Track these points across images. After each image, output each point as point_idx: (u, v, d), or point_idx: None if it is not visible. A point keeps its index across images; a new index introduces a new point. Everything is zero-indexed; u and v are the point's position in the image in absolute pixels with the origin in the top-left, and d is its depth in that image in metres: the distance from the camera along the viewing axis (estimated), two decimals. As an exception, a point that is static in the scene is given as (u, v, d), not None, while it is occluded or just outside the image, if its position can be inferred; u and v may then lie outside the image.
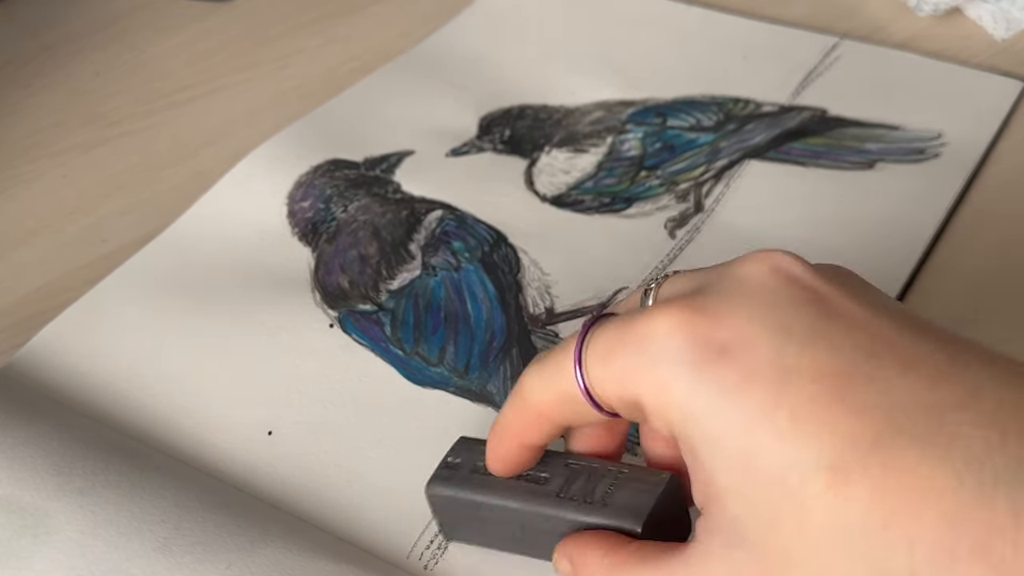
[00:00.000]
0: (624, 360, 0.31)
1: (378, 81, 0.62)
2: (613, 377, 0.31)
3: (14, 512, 0.39)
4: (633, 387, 0.31)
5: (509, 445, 0.35)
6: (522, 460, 0.36)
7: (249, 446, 0.44)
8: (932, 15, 0.63)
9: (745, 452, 0.29)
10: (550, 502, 0.35)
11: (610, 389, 0.32)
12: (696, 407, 0.29)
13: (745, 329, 0.29)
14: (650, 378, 0.30)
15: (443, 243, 0.51)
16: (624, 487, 0.35)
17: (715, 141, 0.56)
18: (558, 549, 0.35)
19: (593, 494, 0.35)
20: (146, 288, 0.51)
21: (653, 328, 0.30)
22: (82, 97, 0.64)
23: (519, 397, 0.34)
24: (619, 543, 0.33)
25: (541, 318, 0.48)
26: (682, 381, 0.29)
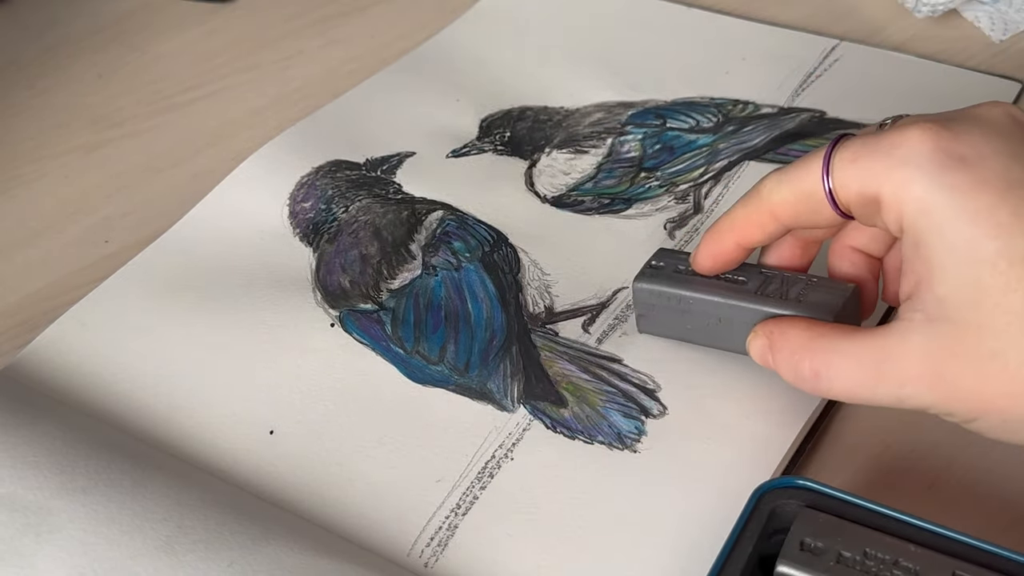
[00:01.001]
0: (873, 161, 0.36)
1: (379, 83, 0.62)
2: (860, 175, 0.37)
3: (17, 511, 0.39)
4: (876, 184, 0.36)
5: (726, 242, 0.41)
6: (730, 259, 0.42)
7: (251, 445, 0.44)
8: (930, 17, 0.63)
9: (967, 240, 0.34)
10: (750, 298, 0.42)
11: (853, 187, 0.37)
12: (931, 201, 0.35)
13: (982, 147, 0.35)
14: (895, 176, 0.36)
15: (444, 243, 0.52)
16: (815, 290, 0.41)
17: (714, 143, 0.56)
18: (756, 329, 0.41)
19: (788, 294, 0.41)
20: (148, 288, 0.51)
21: (904, 137, 0.36)
22: (84, 98, 0.64)
23: (755, 196, 0.40)
24: (820, 323, 0.39)
25: (541, 317, 0.48)
26: (923, 180, 0.35)
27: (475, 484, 0.42)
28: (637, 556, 0.39)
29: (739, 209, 0.41)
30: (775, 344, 0.40)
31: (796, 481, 0.37)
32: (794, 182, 0.39)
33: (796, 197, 0.39)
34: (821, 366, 0.38)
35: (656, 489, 0.41)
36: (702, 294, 0.43)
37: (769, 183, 0.40)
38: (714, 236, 0.42)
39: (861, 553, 0.34)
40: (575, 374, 0.45)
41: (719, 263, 0.42)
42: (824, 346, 0.38)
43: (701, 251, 0.43)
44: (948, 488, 0.41)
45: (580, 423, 0.44)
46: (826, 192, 0.38)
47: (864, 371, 0.37)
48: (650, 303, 0.44)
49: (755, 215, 0.40)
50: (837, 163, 0.37)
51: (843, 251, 0.42)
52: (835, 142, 0.38)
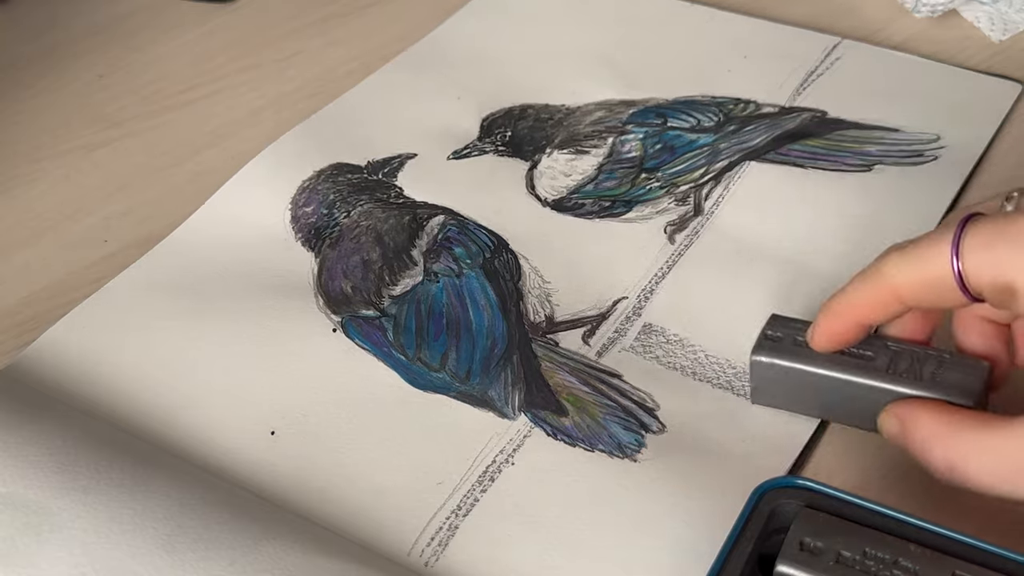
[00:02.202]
0: (1006, 248, 0.35)
1: (379, 82, 0.62)
2: (992, 262, 0.36)
3: (18, 510, 0.39)
4: (1012, 272, 0.35)
5: (847, 322, 0.40)
6: (851, 338, 0.40)
7: (252, 446, 0.44)
8: (930, 17, 0.63)
9: None
10: (882, 376, 0.40)
11: (985, 274, 0.36)
12: None
13: None
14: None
15: (445, 249, 0.52)
16: (949, 369, 0.39)
17: (715, 142, 0.56)
18: (887, 411, 0.39)
19: (921, 373, 0.40)
20: (150, 291, 0.51)
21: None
22: (85, 98, 0.64)
23: (876, 277, 0.39)
24: (954, 409, 0.38)
25: (541, 326, 0.48)
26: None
27: (476, 487, 0.42)
28: (637, 556, 0.39)
29: (859, 288, 0.39)
30: (907, 430, 0.38)
31: (796, 481, 0.37)
32: (921, 265, 0.37)
33: (923, 281, 0.37)
34: (956, 458, 0.37)
35: (656, 491, 0.41)
36: (830, 371, 0.41)
37: (891, 263, 0.38)
38: (833, 315, 0.40)
39: (861, 553, 0.34)
40: (575, 386, 0.45)
41: (838, 342, 0.41)
42: (957, 436, 0.37)
43: (819, 330, 0.41)
44: (948, 488, 0.41)
45: (581, 432, 0.44)
46: (955, 277, 0.36)
47: (1003, 467, 0.36)
48: (769, 377, 0.42)
49: (877, 295, 0.39)
50: (968, 248, 0.36)
51: (970, 321, 0.41)
52: (964, 223, 0.37)
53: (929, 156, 0.55)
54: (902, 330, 0.41)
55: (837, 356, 0.41)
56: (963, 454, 0.36)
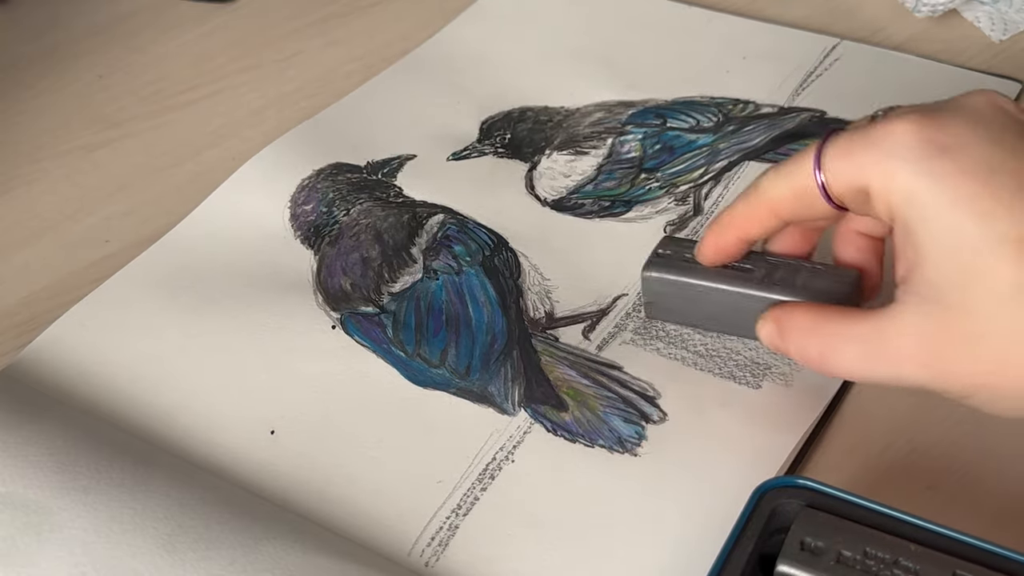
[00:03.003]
0: (862, 153, 0.38)
1: (380, 84, 0.62)
2: (849, 168, 0.38)
3: (18, 510, 0.39)
4: (865, 176, 0.37)
5: (728, 237, 0.43)
6: (733, 252, 0.43)
7: (251, 445, 0.44)
8: (930, 17, 0.63)
9: (951, 227, 0.36)
10: (758, 286, 0.43)
11: (844, 179, 0.38)
12: (917, 190, 0.36)
13: (965, 136, 0.36)
14: (883, 167, 0.37)
15: (444, 247, 0.52)
16: (821, 277, 0.43)
17: (714, 142, 0.56)
18: (764, 316, 0.42)
19: (794, 282, 0.43)
20: (149, 289, 0.51)
21: (890, 129, 0.37)
22: (85, 99, 0.64)
23: (753, 193, 0.41)
24: (826, 306, 0.40)
25: (541, 322, 0.48)
26: (908, 170, 0.36)
27: (476, 485, 0.42)
28: (637, 556, 0.39)
29: (739, 205, 0.42)
30: (783, 329, 0.41)
31: (796, 481, 0.37)
32: (789, 178, 0.40)
33: (792, 193, 0.40)
34: (826, 348, 0.39)
35: (656, 490, 0.41)
36: (712, 283, 0.44)
37: (766, 180, 0.41)
38: (716, 230, 0.43)
39: (861, 553, 0.34)
40: (575, 379, 0.45)
41: (722, 256, 0.44)
42: (828, 330, 0.39)
43: (705, 244, 0.44)
44: (948, 488, 0.41)
45: (581, 427, 0.44)
46: (819, 186, 0.39)
47: (865, 352, 0.38)
48: (659, 291, 0.45)
49: (754, 211, 0.42)
50: (828, 157, 0.39)
51: (847, 235, 0.43)
52: (826, 137, 0.39)
53: (929, 156, 0.54)
54: (783, 247, 0.44)
55: (721, 270, 0.44)
56: (833, 344, 0.39)
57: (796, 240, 0.44)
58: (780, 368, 0.45)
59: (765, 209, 0.41)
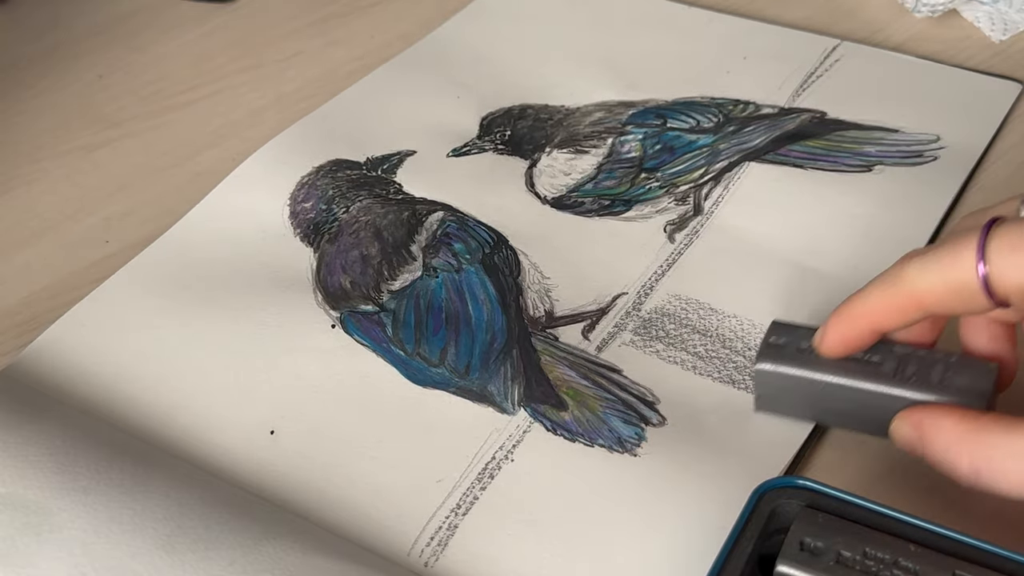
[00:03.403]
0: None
1: (380, 80, 0.62)
2: (1018, 265, 0.35)
3: (18, 510, 0.39)
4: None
5: (860, 327, 0.39)
6: (864, 344, 0.40)
7: (251, 445, 0.44)
8: (930, 17, 0.63)
9: None
10: (890, 382, 0.39)
11: (1012, 277, 0.35)
12: None
13: None
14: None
15: (444, 244, 0.52)
16: (958, 372, 0.39)
17: (715, 143, 0.56)
18: (901, 418, 0.38)
19: (929, 377, 0.39)
20: (149, 288, 0.51)
21: None
22: (85, 99, 0.64)
23: (895, 284, 0.38)
24: (976, 412, 0.37)
25: (541, 321, 0.48)
26: None
27: (475, 485, 0.42)
28: (637, 556, 0.39)
29: (877, 293, 0.39)
30: (926, 436, 0.37)
31: (796, 481, 0.37)
32: (944, 271, 0.37)
33: (946, 287, 0.37)
34: (982, 463, 0.36)
35: (656, 489, 0.41)
36: (836, 378, 0.40)
37: (913, 269, 0.37)
38: (846, 320, 0.39)
39: (861, 553, 0.34)
40: (575, 380, 0.45)
41: (849, 348, 0.40)
42: (984, 441, 0.36)
43: (830, 335, 0.40)
44: (948, 488, 0.41)
45: (580, 426, 0.44)
46: (981, 283, 0.36)
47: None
48: (773, 385, 0.41)
49: (896, 301, 0.38)
50: (994, 252, 0.36)
51: (978, 323, 0.40)
52: (987, 227, 0.36)
53: (929, 156, 0.55)
54: (908, 334, 0.40)
55: (843, 362, 0.40)
56: (990, 458, 0.36)
57: (924, 328, 0.41)
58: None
59: (910, 301, 0.38)
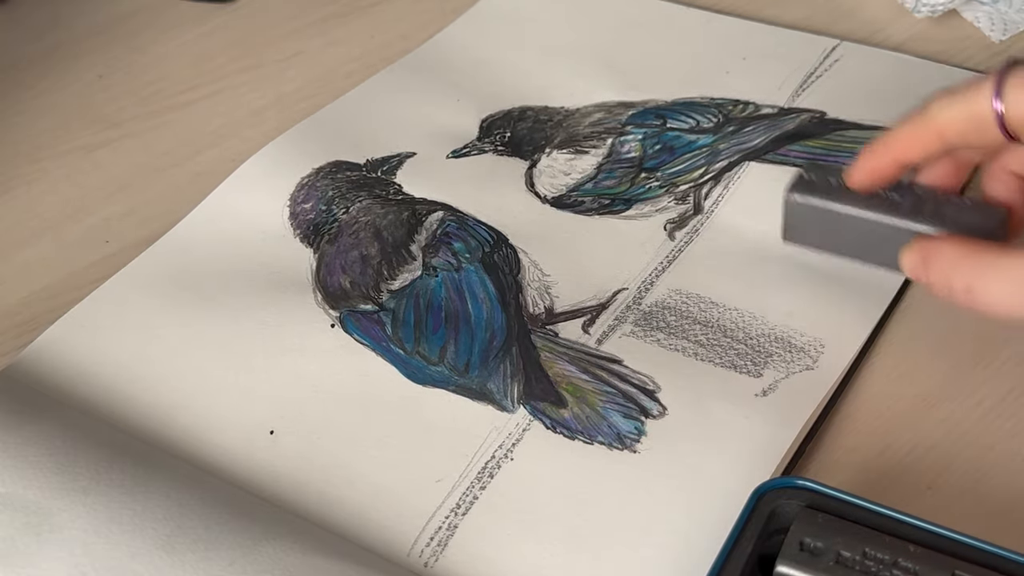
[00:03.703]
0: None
1: (380, 83, 0.62)
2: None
3: (18, 510, 0.39)
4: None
5: (885, 160, 0.43)
6: (887, 176, 0.43)
7: (251, 445, 0.44)
8: (930, 17, 0.63)
9: None
10: (906, 216, 0.43)
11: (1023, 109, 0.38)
12: None
13: None
14: None
15: (444, 244, 0.52)
16: (969, 212, 0.42)
17: (714, 143, 0.56)
18: (910, 247, 0.41)
19: (942, 214, 0.42)
20: (149, 289, 0.51)
21: None
22: (85, 99, 0.64)
23: (922, 115, 0.41)
24: (973, 240, 0.40)
25: (541, 318, 0.48)
26: None
27: (475, 484, 0.42)
28: (637, 556, 0.39)
29: (904, 126, 0.42)
30: (929, 259, 0.41)
31: (796, 481, 0.37)
32: (964, 103, 0.40)
33: (965, 117, 0.40)
34: (974, 281, 0.39)
35: (656, 489, 0.41)
36: (858, 210, 0.43)
37: (938, 102, 0.41)
38: (874, 152, 0.43)
39: (860, 553, 0.34)
40: (575, 375, 0.45)
41: (876, 179, 0.43)
42: (978, 262, 0.39)
43: (859, 166, 0.43)
44: (948, 488, 0.41)
45: (580, 423, 0.44)
46: (996, 114, 0.39)
47: (1017, 287, 0.38)
48: (801, 215, 0.45)
49: (920, 133, 0.41)
50: (1010, 86, 0.39)
51: (999, 173, 0.43)
52: (1008, 65, 0.39)
53: (929, 156, 0.55)
54: (933, 179, 0.44)
55: (867, 198, 0.43)
56: (982, 277, 0.39)
57: (947, 173, 0.44)
58: (781, 356, 0.45)
59: (932, 132, 0.41)
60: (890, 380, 0.45)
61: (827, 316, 0.47)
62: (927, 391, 0.44)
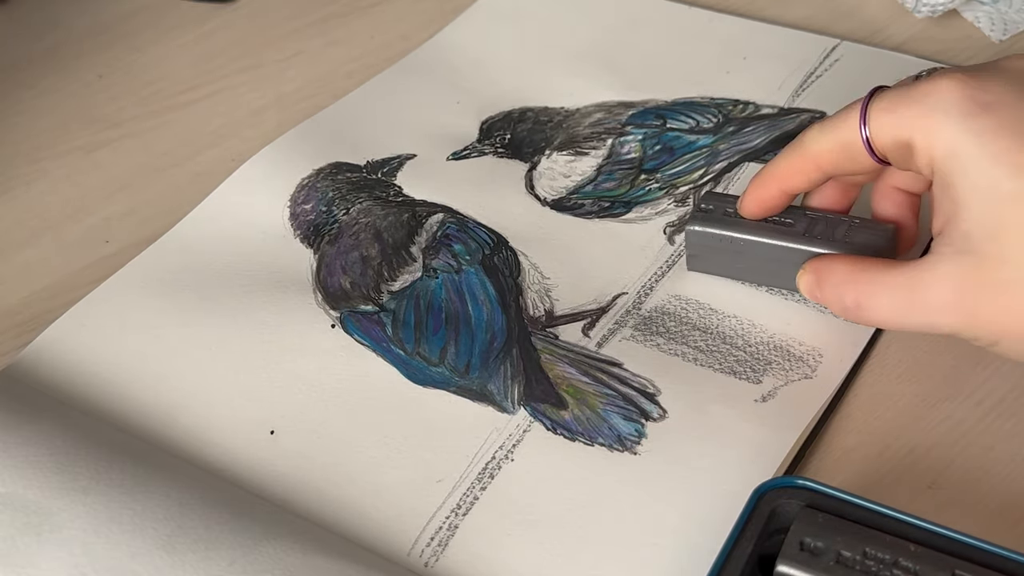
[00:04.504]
0: (907, 109, 0.40)
1: (380, 85, 0.62)
2: (894, 123, 0.40)
3: (18, 510, 0.39)
4: (909, 131, 0.39)
5: (772, 189, 0.45)
6: (775, 205, 0.45)
7: (251, 445, 0.44)
8: (930, 17, 0.63)
9: (988, 180, 0.37)
10: (799, 239, 0.45)
11: (888, 134, 0.40)
12: (958, 145, 0.38)
13: (1005, 95, 0.38)
14: (926, 123, 0.39)
15: (444, 246, 0.52)
16: (860, 231, 0.45)
17: (714, 143, 0.56)
18: (804, 267, 0.44)
19: (834, 235, 0.45)
20: (149, 289, 0.51)
21: (936, 87, 0.39)
22: (85, 99, 0.64)
23: (798, 147, 0.44)
24: (861, 258, 0.42)
25: (541, 320, 0.48)
26: (951, 125, 0.38)
27: (475, 485, 0.42)
28: (637, 556, 0.39)
29: (782, 158, 0.44)
30: (822, 279, 0.43)
31: (796, 481, 0.37)
32: (834, 132, 0.42)
33: (836, 146, 0.42)
34: (862, 296, 0.41)
35: (656, 489, 0.41)
36: (753, 236, 0.46)
37: (811, 133, 0.43)
38: (759, 184, 0.45)
39: (861, 553, 0.34)
40: (575, 377, 0.45)
41: (765, 208, 0.45)
42: (865, 278, 0.41)
43: (747, 197, 0.46)
44: (948, 488, 0.41)
45: (580, 425, 0.44)
46: (863, 140, 0.41)
47: (900, 300, 0.40)
48: (701, 244, 0.47)
49: (798, 163, 0.44)
50: (873, 112, 0.41)
51: (886, 191, 0.45)
52: (871, 94, 0.41)
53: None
54: (823, 202, 0.46)
55: (762, 224, 0.46)
56: (869, 292, 0.41)
57: (835, 196, 0.46)
58: (780, 364, 0.45)
59: (809, 162, 0.43)
60: (890, 380, 0.45)
61: (825, 326, 0.47)
62: (927, 391, 0.44)
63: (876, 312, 0.41)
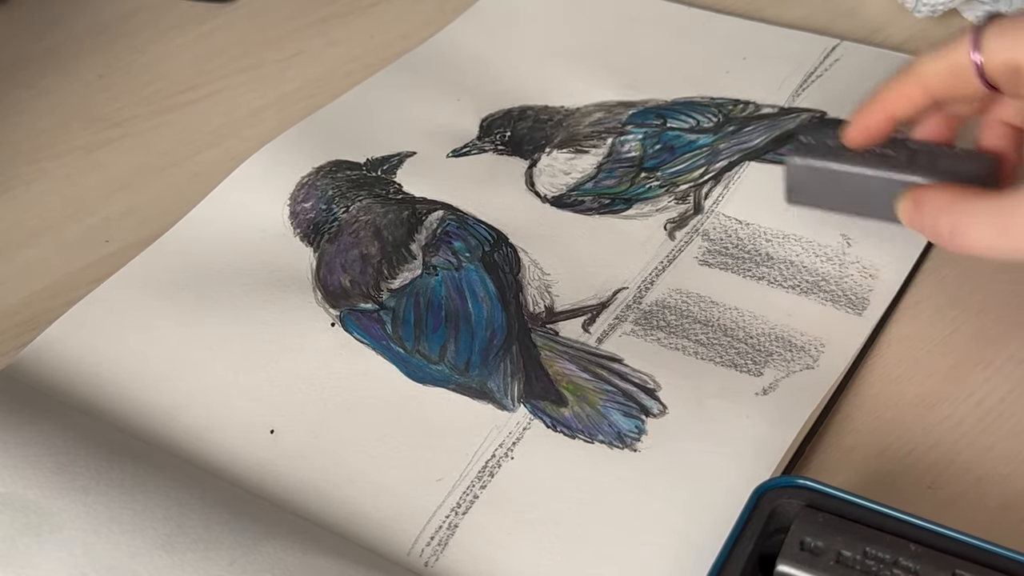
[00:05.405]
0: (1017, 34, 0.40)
1: (380, 83, 0.62)
2: (1005, 47, 0.40)
3: (18, 510, 0.39)
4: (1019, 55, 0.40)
5: (877, 115, 0.45)
6: (881, 132, 0.45)
7: (251, 444, 0.44)
8: (930, 17, 0.63)
9: None
10: (901, 170, 0.45)
11: (999, 58, 0.41)
12: None
13: None
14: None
15: (444, 243, 0.52)
16: (961, 161, 0.45)
17: (714, 143, 0.56)
18: (904, 195, 0.44)
19: (936, 166, 0.45)
20: (149, 288, 0.51)
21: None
22: (85, 98, 0.64)
23: (907, 72, 0.44)
24: (959, 187, 0.42)
25: (541, 317, 0.48)
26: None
27: (475, 483, 0.42)
28: (637, 555, 0.39)
29: (892, 83, 0.45)
30: (920, 206, 0.43)
31: (796, 481, 0.37)
32: (946, 56, 0.43)
33: (947, 69, 0.42)
34: (957, 224, 0.41)
35: (656, 488, 0.41)
36: (856, 168, 0.46)
37: (921, 59, 0.44)
38: (867, 109, 0.45)
39: (861, 553, 0.34)
40: (575, 373, 0.45)
41: (870, 136, 0.46)
42: (961, 207, 0.41)
43: (854, 124, 0.46)
44: (948, 488, 0.41)
45: (580, 422, 0.44)
46: (975, 64, 0.41)
47: (994, 227, 0.40)
48: (803, 178, 0.47)
49: (907, 87, 0.44)
50: (986, 37, 0.41)
51: (992, 124, 0.46)
52: (986, 20, 0.41)
53: (929, 156, 0.55)
54: (926, 134, 0.47)
55: (864, 156, 0.46)
56: (964, 221, 0.41)
57: (939, 128, 0.47)
58: (782, 355, 0.45)
59: (918, 86, 0.44)
60: (890, 380, 0.45)
61: (827, 316, 0.47)
62: (927, 391, 0.44)
63: (970, 239, 0.41)
